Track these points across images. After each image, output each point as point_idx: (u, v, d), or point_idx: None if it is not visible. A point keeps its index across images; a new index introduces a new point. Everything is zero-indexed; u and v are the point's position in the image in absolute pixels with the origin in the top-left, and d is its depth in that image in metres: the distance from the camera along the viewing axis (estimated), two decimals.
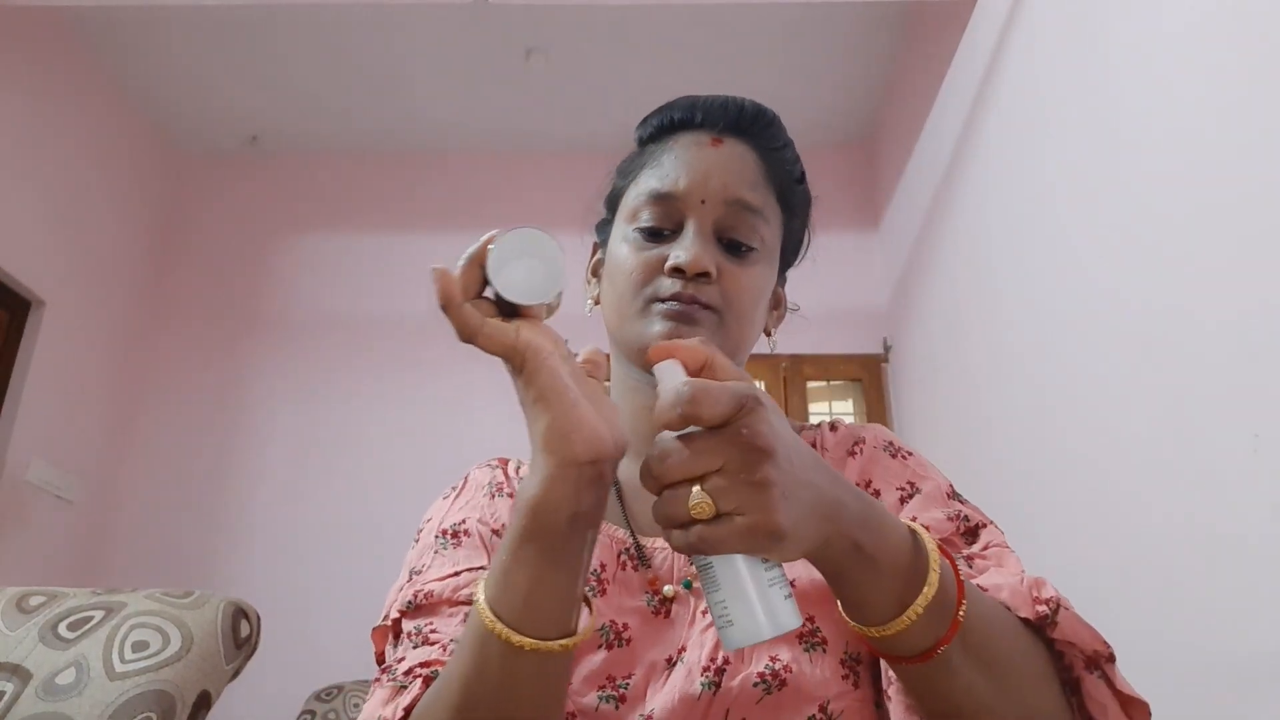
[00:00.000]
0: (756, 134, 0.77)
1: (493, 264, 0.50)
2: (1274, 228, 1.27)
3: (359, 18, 3.35)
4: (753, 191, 0.74)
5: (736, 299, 0.72)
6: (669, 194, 0.73)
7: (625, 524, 0.74)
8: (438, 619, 0.67)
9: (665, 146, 0.77)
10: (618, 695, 0.65)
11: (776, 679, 0.63)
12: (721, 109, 0.77)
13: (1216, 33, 1.44)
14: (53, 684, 0.82)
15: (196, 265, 3.91)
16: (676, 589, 0.70)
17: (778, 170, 0.78)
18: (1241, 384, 1.34)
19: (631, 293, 0.73)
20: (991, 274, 2.45)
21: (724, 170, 0.74)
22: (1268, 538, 1.26)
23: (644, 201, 0.74)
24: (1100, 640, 0.59)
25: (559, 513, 0.49)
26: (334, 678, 2.87)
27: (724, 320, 0.72)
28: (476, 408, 3.58)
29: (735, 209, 0.73)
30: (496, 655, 0.50)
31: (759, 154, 0.77)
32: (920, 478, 0.74)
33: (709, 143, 0.75)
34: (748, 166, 0.75)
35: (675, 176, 0.74)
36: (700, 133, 0.76)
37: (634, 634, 0.68)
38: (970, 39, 2.66)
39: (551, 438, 0.49)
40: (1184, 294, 1.50)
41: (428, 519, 0.79)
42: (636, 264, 0.73)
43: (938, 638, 0.51)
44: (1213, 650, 1.36)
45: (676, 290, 0.70)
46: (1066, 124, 1.99)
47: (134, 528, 3.46)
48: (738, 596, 0.45)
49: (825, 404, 3.63)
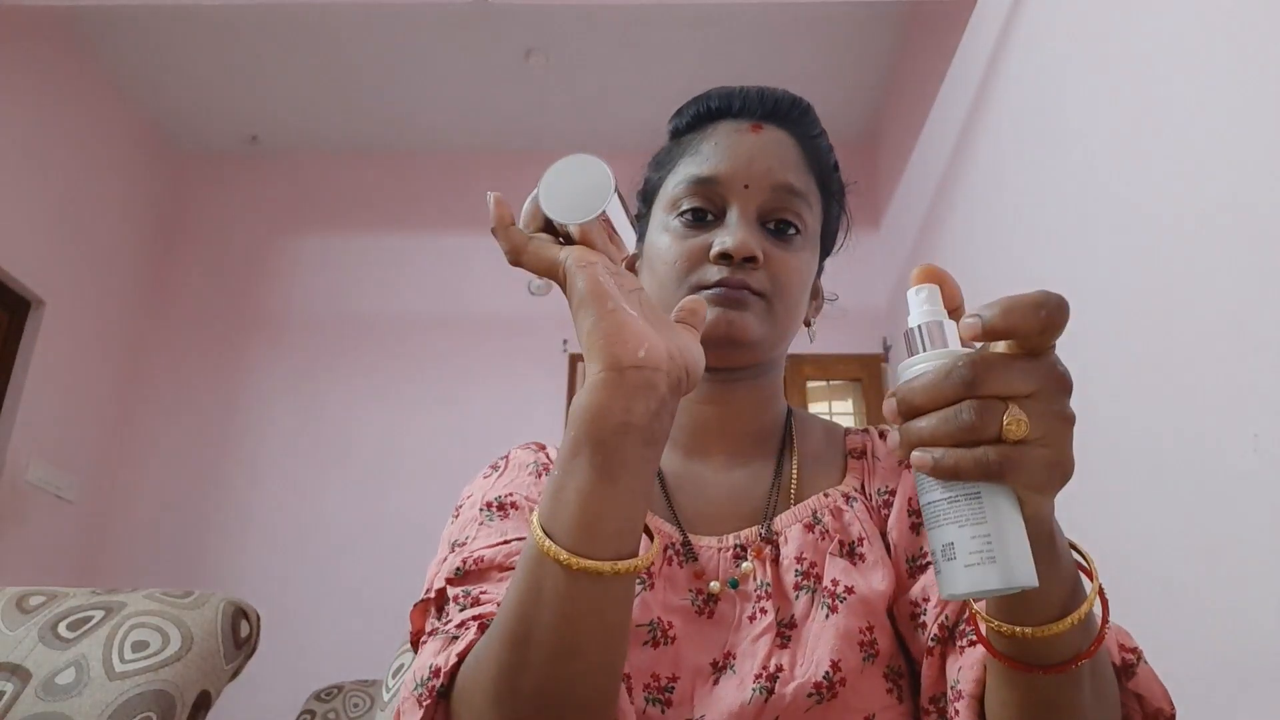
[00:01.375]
0: (795, 121, 0.77)
1: (542, 190, 0.52)
2: (1275, 227, 1.27)
3: (359, 18, 3.35)
4: (796, 175, 0.74)
5: (785, 283, 0.71)
6: (711, 178, 0.72)
7: (673, 519, 0.72)
8: (489, 584, 0.63)
9: (703, 135, 0.76)
10: (664, 700, 0.64)
11: (830, 690, 0.61)
12: (759, 97, 0.76)
13: (1216, 32, 1.44)
14: (53, 684, 0.82)
15: (196, 265, 3.91)
16: (723, 587, 0.68)
17: (816, 157, 0.77)
18: (1241, 384, 1.34)
19: (675, 281, 0.72)
20: (991, 274, 2.45)
21: (766, 155, 0.73)
22: (1268, 538, 1.26)
23: (685, 189, 0.73)
24: (1167, 699, 0.59)
25: (607, 420, 0.47)
26: (334, 678, 2.87)
27: (771, 306, 0.71)
28: (476, 407, 3.58)
29: (780, 193, 0.72)
30: (551, 579, 0.47)
31: (798, 140, 0.76)
32: None
33: (749, 129, 0.75)
34: (789, 151, 0.75)
35: (717, 161, 0.73)
36: (739, 120, 0.76)
37: (678, 633, 0.66)
38: (970, 39, 2.66)
39: (594, 340, 0.48)
40: (1184, 294, 1.50)
41: (467, 495, 0.75)
42: (680, 252, 0.72)
43: (1080, 650, 0.50)
44: (1213, 650, 1.36)
45: (724, 276, 0.69)
46: (1066, 124, 2.00)
47: (134, 528, 3.46)
48: (1008, 534, 0.42)
49: (825, 404, 3.63)
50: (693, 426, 0.77)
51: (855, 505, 0.71)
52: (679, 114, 0.80)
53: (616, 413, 0.47)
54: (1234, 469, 1.34)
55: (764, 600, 0.67)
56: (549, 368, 3.62)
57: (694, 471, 0.76)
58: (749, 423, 0.77)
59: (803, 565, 0.68)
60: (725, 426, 0.76)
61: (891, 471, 0.75)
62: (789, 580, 0.68)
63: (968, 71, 2.66)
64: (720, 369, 0.73)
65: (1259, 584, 1.27)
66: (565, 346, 3.65)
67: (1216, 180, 1.42)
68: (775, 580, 0.68)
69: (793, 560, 0.68)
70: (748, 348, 0.71)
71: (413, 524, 2.81)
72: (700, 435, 0.76)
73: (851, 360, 3.56)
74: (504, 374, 3.64)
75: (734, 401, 0.76)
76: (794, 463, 0.75)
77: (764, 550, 0.69)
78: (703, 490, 0.75)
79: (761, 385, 0.77)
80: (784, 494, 0.73)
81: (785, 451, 0.76)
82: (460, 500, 0.76)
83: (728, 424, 0.76)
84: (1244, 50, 1.36)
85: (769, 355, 0.75)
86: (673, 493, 0.74)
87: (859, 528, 0.70)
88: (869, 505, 0.73)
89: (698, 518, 0.73)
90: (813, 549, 0.69)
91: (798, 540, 0.69)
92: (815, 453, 0.77)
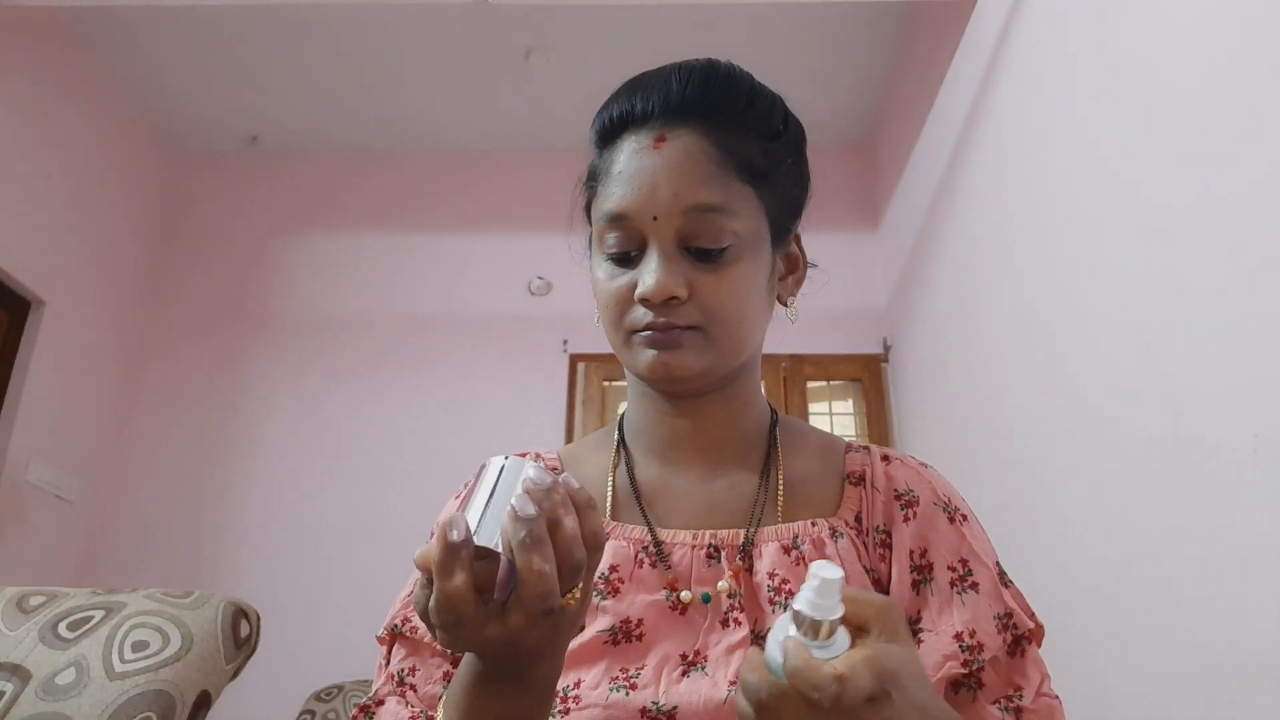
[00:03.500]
0: (705, 112, 0.70)
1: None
2: (1275, 227, 1.27)
3: (359, 18, 3.35)
4: (708, 189, 0.68)
5: (718, 309, 0.69)
6: (621, 215, 0.69)
7: (644, 522, 0.73)
8: (420, 666, 0.71)
9: (613, 155, 0.72)
10: (629, 684, 0.64)
11: None
12: (662, 97, 0.70)
13: (1219, 31, 1.44)
14: (53, 684, 0.82)
15: (196, 265, 3.91)
16: (695, 599, 0.69)
17: (738, 145, 0.70)
18: (1241, 384, 1.34)
19: (612, 325, 0.72)
20: (992, 274, 2.45)
21: (670, 176, 0.68)
22: (1268, 538, 1.25)
23: (603, 225, 0.71)
24: None
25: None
26: (334, 678, 2.87)
27: (709, 333, 0.69)
28: (476, 407, 3.58)
29: (693, 215, 0.68)
30: None
31: (710, 138, 0.70)
32: (973, 555, 0.71)
33: (651, 145, 0.69)
34: (696, 163, 0.69)
35: (622, 195, 0.69)
36: (642, 132, 0.71)
37: (647, 629, 0.67)
38: (970, 39, 2.66)
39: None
40: (1184, 293, 1.50)
41: (439, 522, 0.77)
42: (610, 295, 0.71)
43: None
44: (1213, 650, 1.36)
45: (650, 319, 0.68)
46: (1067, 124, 1.99)
47: (134, 528, 3.46)
48: None
49: (825, 404, 3.63)
50: (668, 438, 0.77)
51: (840, 541, 0.70)
52: (594, 120, 0.76)
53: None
54: (1234, 469, 1.34)
55: (737, 611, 0.67)
56: (549, 368, 3.62)
57: (671, 482, 0.76)
58: (725, 432, 0.76)
59: (774, 581, 0.68)
60: (700, 437, 0.76)
61: (886, 505, 0.73)
62: (764, 594, 0.68)
63: (968, 71, 2.66)
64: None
65: (1259, 584, 1.27)
66: (565, 346, 3.64)
67: (1217, 179, 1.42)
68: (749, 592, 0.69)
69: (765, 575, 0.69)
70: (692, 380, 0.71)
71: (413, 524, 2.80)
72: (675, 446, 0.76)
73: (851, 360, 3.56)
74: (504, 374, 3.64)
75: (705, 414, 0.76)
76: (779, 477, 0.75)
77: (737, 561, 0.70)
78: (678, 498, 0.75)
79: (731, 394, 0.76)
80: (770, 507, 0.73)
81: (770, 464, 0.76)
82: (437, 521, 0.77)
83: (702, 435, 0.76)
84: (1246, 48, 1.36)
85: (723, 374, 0.73)
86: (645, 497, 0.75)
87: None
88: (861, 542, 0.71)
89: (670, 520, 0.73)
90: (786, 569, 0.69)
91: (772, 558, 0.70)
92: (806, 471, 0.76)
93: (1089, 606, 1.75)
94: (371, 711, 0.71)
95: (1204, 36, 1.48)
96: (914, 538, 0.72)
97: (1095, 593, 1.74)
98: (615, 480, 0.76)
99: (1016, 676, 0.67)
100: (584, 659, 0.66)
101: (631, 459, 0.78)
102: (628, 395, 0.81)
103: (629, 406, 0.81)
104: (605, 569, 0.70)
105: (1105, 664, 1.67)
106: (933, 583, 0.70)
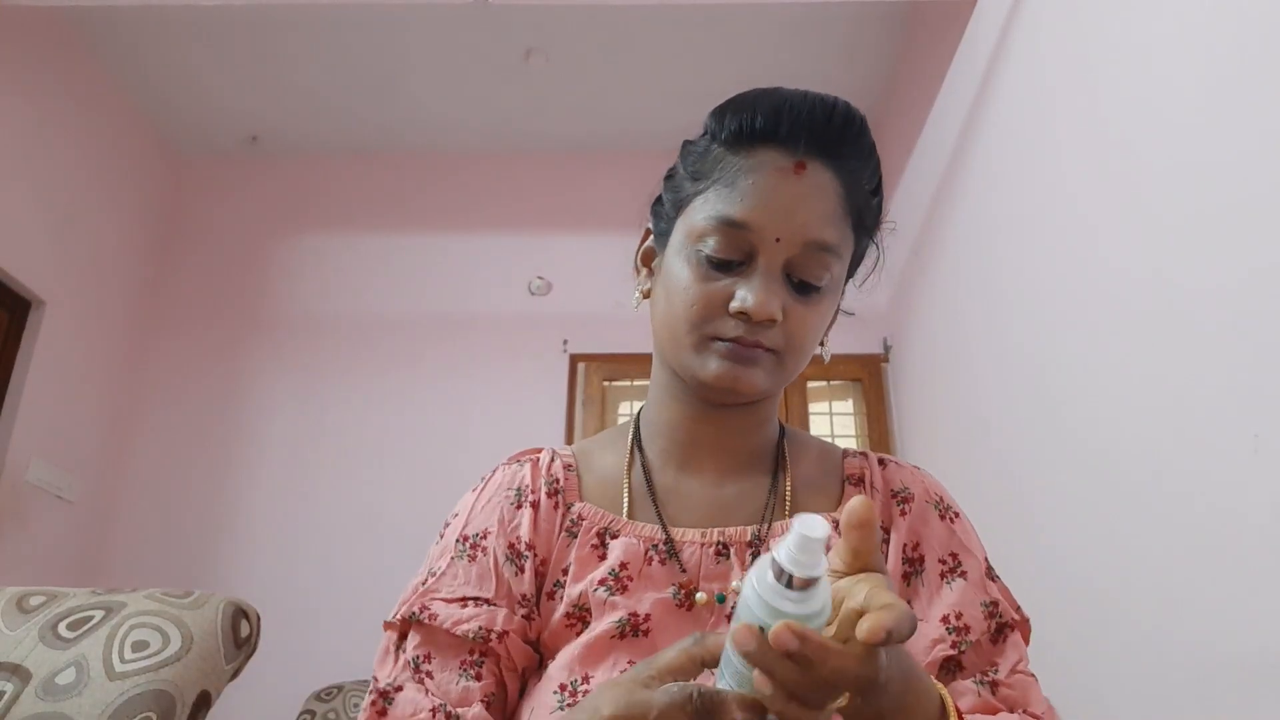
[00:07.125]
0: (843, 153, 0.72)
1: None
2: (1275, 226, 1.27)
3: (359, 18, 3.35)
4: (832, 228, 0.70)
5: (799, 339, 0.71)
6: (743, 224, 0.69)
7: (657, 520, 0.74)
8: (436, 654, 0.70)
9: (743, 165, 0.71)
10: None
11: None
12: (808, 122, 0.71)
13: (1215, 29, 1.44)
14: (53, 684, 0.82)
15: (196, 265, 3.91)
16: (709, 598, 0.70)
17: (856, 192, 0.73)
18: (1241, 384, 1.34)
19: (689, 325, 0.71)
20: (992, 274, 2.45)
21: (805, 206, 0.69)
22: (1268, 538, 1.25)
23: (713, 225, 0.70)
24: None
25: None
26: (334, 678, 2.87)
27: (782, 360, 0.71)
28: (476, 408, 3.58)
29: (811, 250, 0.69)
30: None
31: (842, 179, 0.72)
32: (963, 549, 0.74)
33: (792, 169, 0.70)
34: (828, 200, 0.71)
35: (751, 205, 0.69)
36: (782, 152, 0.71)
37: (654, 625, 0.68)
38: (970, 38, 2.67)
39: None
40: (1185, 293, 1.50)
41: (454, 514, 0.79)
42: (699, 296, 0.70)
43: None
44: (1213, 650, 1.36)
45: (739, 334, 0.69)
46: (1067, 124, 1.99)
47: (134, 528, 3.46)
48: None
49: (825, 404, 3.63)
50: (686, 441, 0.79)
51: None
52: (721, 116, 0.74)
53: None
54: (1234, 469, 1.34)
55: None
56: (549, 368, 3.62)
57: (685, 484, 0.78)
58: (743, 442, 0.79)
59: None
60: (718, 444, 0.78)
61: (884, 507, 0.76)
62: None
63: (968, 71, 2.66)
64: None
65: (1259, 584, 1.27)
66: (565, 346, 3.64)
67: (1218, 178, 1.42)
68: None
69: None
70: (751, 398, 0.73)
71: (413, 524, 2.80)
72: (693, 450, 0.78)
73: (851, 360, 3.56)
74: (504, 374, 3.63)
75: (728, 423, 0.78)
76: (788, 481, 0.77)
77: (749, 558, 0.71)
78: (690, 499, 0.77)
79: (757, 409, 0.79)
80: (779, 509, 0.76)
81: (779, 470, 0.79)
82: (452, 513, 0.80)
83: (720, 442, 0.78)
84: (1246, 47, 1.36)
85: (771, 395, 0.77)
86: (660, 497, 0.76)
87: None
88: None
89: (682, 519, 0.75)
90: None
91: None
92: (809, 476, 0.79)
93: (1089, 606, 1.75)
94: (390, 697, 0.69)
95: (1205, 33, 1.48)
96: (907, 532, 0.75)
97: (1095, 592, 1.74)
98: (631, 479, 0.78)
99: (995, 657, 0.70)
100: (593, 654, 0.67)
101: (647, 459, 0.79)
102: (651, 394, 0.82)
103: (650, 406, 0.82)
104: (616, 565, 0.71)
105: (1105, 664, 1.67)
106: (923, 574, 0.73)
